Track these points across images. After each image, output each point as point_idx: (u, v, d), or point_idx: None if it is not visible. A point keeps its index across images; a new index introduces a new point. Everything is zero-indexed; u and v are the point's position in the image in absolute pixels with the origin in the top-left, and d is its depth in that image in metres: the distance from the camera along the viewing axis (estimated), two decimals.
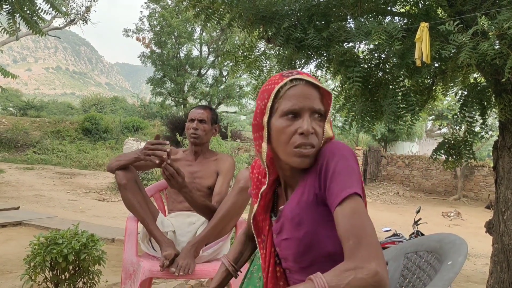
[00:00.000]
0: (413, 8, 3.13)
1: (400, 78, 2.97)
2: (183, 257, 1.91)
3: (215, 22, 3.13)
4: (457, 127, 3.14)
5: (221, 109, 21.81)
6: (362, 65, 2.90)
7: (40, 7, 3.58)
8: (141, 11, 29.45)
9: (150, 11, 19.30)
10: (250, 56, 3.33)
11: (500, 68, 2.30)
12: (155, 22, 18.75)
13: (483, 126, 2.97)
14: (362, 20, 2.77)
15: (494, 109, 2.94)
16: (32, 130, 18.84)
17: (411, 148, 19.57)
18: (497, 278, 2.82)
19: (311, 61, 3.16)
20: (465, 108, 2.88)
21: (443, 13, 2.89)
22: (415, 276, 1.15)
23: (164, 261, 1.87)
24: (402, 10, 3.26)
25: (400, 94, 2.88)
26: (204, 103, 18.97)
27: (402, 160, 16.50)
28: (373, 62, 3.09)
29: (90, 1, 16.69)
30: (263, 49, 3.51)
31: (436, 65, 2.96)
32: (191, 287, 2.97)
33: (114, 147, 18.81)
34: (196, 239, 1.99)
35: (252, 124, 1.07)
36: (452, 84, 3.30)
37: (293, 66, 3.14)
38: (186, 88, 19.46)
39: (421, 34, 2.32)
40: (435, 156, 3.17)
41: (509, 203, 2.74)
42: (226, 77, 19.83)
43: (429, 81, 3.18)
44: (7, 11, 3.40)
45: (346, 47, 2.76)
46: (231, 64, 3.45)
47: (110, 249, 3.58)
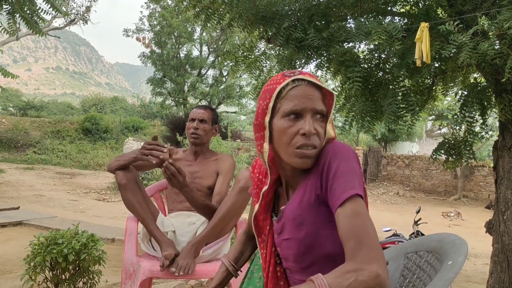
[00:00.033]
0: (413, 8, 3.13)
1: (400, 78, 2.97)
2: (183, 257, 1.91)
3: (215, 22, 3.13)
4: (457, 127, 3.14)
5: (221, 109, 21.82)
6: (362, 65, 2.90)
7: (40, 7, 3.58)
8: (141, 11, 29.48)
9: (150, 11, 19.32)
10: (250, 56, 3.32)
11: (500, 68, 2.30)
12: (155, 22, 18.75)
13: (483, 126, 2.97)
14: (362, 20, 2.77)
15: (494, 109, 2.94)
16: (32, 130, 18.84)
17: (411, 148, 19.56)
18: (497, 278, 2.82)
19: (311, 61, 3.16)
20: (465, 108, 2.88)
21: (443, 13, 2.89)
22: (415, 276, 1.15)
23: (164, 261, 1.87)
24: (402, 10, 3.26)
25: (400, 94, 2.88)
26: (204, 103, 18.96)
27: (402, 160, 16.50)
28: (373, 62, 3.09)
29: (90, 1, 16.71)
30: (263, 49, 3.51)
31: (436, 65, 2.96)
32: (191, 287, 2.97)
33: (114, 147, 18.81)
34: (196, 239, 1.99)
35: (254, 124, 1.07)
36: (452, 84, 3.30)
37: (293, 66, 3.14)
38: (186, 88, 19.46)
39: (421, 34, 2.32)
40: (435, 156, 3.18)
41: (509, 203, 2.74)
42: (226, 77, 19.84)
43: (429, 81, 3.18)
44: (7, 11, 3.40)
45: (346, 47, 2.76)
46: (231, 64, 3.45)
47: (110, 249, 3.58)
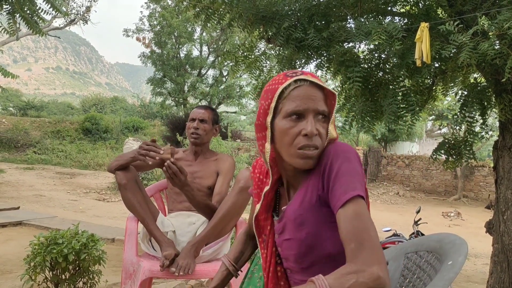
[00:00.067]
0: (413, 8, 3.13)
1: (400, 78, 2.97)
2: (183, 257, 1.91)
3: (215, 22, 3.13)
4: (457, 127, 3.14)
5: (221, 109, 21.81)
6: (362, 65, 2.90)
7: (40, 7, 3.58)
8: (141, 11, 29.53)
9: (150, 11, 19.33)
10: (250, 56, 3.33)
11: (500, 68, 2.30)
12: (155, 22, 18.76)
13: (483, 126, 2.97)
14: (362, 20, 2.77)
15: (494, 109, 2.94)
16: (32, 130, 18.84)
17: (411, 148, 19.56)
18: (497, 278, 2.82)
19: (311, 61, 3.16)
20: (465, 108, 2.88)
21: (443, 13, 2.89)
22: (415, 276, 1.15)
23: (164, 261, 1.87)
24: (402, 10, 3.26)
25: (400, 94, 2.88)
26: (204, 103, 18.97)
27: (402, 160, 16.50)
28: (373, 62, 3.09)
29: (90, 1, 16.70)
30: (263, 49, 3.51)
31: (436, 65, 2.96)
32: (191, 287, 2.97)
33: (114, 147, 18.81)
34: (196, 239, 1.99)
35: (255, 124, 1.06)
36: (452, 84, 3.30)
37: (293, 66, 3.14)
38: (186, 88, 19.46)
39: (421, 34, 2.32)
40: (435, 156, 3.18)
41: (509, 203, 2.74)
42: (226, 77, 19.84)
43: (429, 81, 3.18)
44: (7, 11, 3.40)
45: (346, 47, 2.76)
46: (231, 64, 3.45)
47: (110, 249, 3.58)
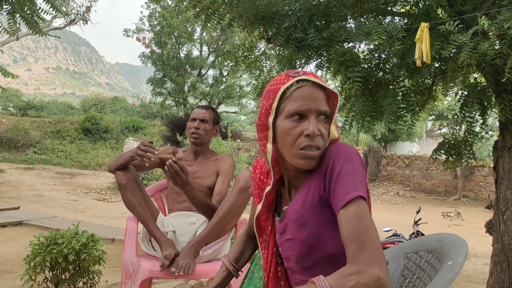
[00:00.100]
0: (413, 8, 3.13)
1: (400, 78, 2.97)
2: (183, 257, 1.91)
3: (215, 22, 3.13)
4: (457, 127, 3.14)
5: (221, 109, 21.81)
6: (362, 65, 2.90)
7: (40, 7, 3.58)
8: (141, 11, 29.54)
9: (150, 11, 19.32)
10: (250, 56, 3.33)
11: (500, 68, 2.30)
12: (155, 22, 18.75)
13: (483, 126, 2.97)
14: (362, 20, 2.77)
15: (494, 109, 2.94)
16: (32, 130, 18.84)
17: (411, 148, 19.56)
18: (497, 278, 2.82)
19: (311, 61, 3.16)
20: (465, 108, 2.88)
21: (443, 13, 2.89)
22: (416, 276, 1.15)
23: (164, 261, 1.87)
24: (402, 10, 3.26)
25: (400, 94, 2.88)
26: (204, 103, 18.97)
27: (402, 160, 16.49)
28: (373, 62, 3.09)
29: (90, 1, 16.71)
30: (263, 49, 3.51)
31: (436, 65, 2.96)
32: (191, 287, 2.97)
33: (114, 147, 18.81)
34: (196, 239, 1.99)
35: (257, 124, 1.06)
36: (452, 84, 3.30)
37: (293, 66, 3.14)
38: (186, 88, 19.45)
39: (421, 34, 2.32)
40: (435, 156, 3.18)
41: (509, 203, 2.74)
42: (226, 77, 19.83)
43: (429, 81, 3.18)
44: (7, 11, 3.40)
45: (346, 47, 2.76)
46: (231, 64, 3.45)
47: (110, 249, 3.58)
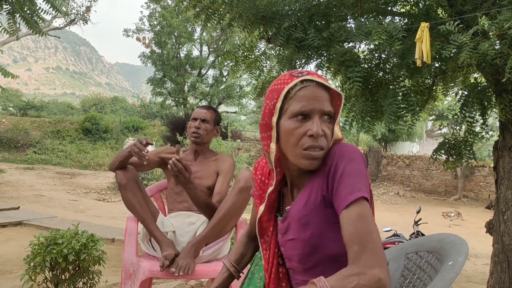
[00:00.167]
0: (414, 8, 3.13)
1: (401, 78, 2.97)
2: (183, 257, 1.91)
3: (215, 22, 3.13)
4: (458, 127, 3.14)
5: (222, 109, 21.80)
6: (363, 65, 2.89)
7: (40, 7, 3.58)
8: (141, 11, 29.50)
9: (150, 11, 19.30)
10: (250, 56, 3.32)
11: (501, 68, 2.30)
12: (155, 22, 18.73)
13: (484, 126, 2.97)
14: (363, 20, 2.77)
15: (495, 109, 2.94)
16: (32, 130, 18.84)
17: (412, 148, 19.56)
18: (498, 279, 2.81)
19: (311, 61, 3.16)
20: (466, 108, 2.88)
21: (444, 13, 2.89)
22: (416, 277, 1.15)
23: (164, 261, 1.87)
24: (403, 10, 3.26)
25: (401, 94, 2.88)
26: (205, 103, 18.96)
27: (403, 160, 16.49)
28: (374, 62, 3.09)
29: (90, 1, 16.70)
30: (263, 49, 3.51)
31: (437, 65, 2.96)
32: (191, 287, 2.97)
33: (114, 147, 18.82)
34: (196, 239, 1.99)
35: (260, 124, 1.06)
36: (453, 84, 3.30)
37: (293, 66, 3.13)
38: (186, 88, 19.44)
39: (422, 34, 2.32)
40: (436, 156, 3.18)
41: (510, 203, 2.74)
42: (226, 77, 19.83)
43: (430, 81, 3.18)
44: (7, 11, 3.40)
45: (347, 47, 2.76)
46: (231, 64, 3.45)
47: (110, 249, 3.58)
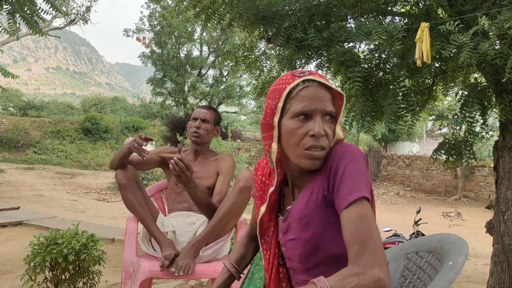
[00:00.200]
0: (414, 8, 3.13)
1: (401, 78, 2.97)
2: (183, 257, 1.91)
3: (216, 22, 3.13)
4: (458, 127, 3.14)
5: (222, 109, 21.80)
6: (363, 65, 2.89)
7: (40, 7, 3.58)
8: (141, 11, 29.55)
9: (150, 11, 19.31)
10: (251, 56, 3.32)
11: (501, 68, 2.30)
12: (155, 22, 18.74)
13: (484, 126, 2.97)
14: (363, 20, 2.77)
15: (495, 109, 2.94)
16: (32, 130, 18.84)
17: (412, 148, 19.56)
18: (498, 279, 2.81)
19: (312, 61, 3.16)
20: (466, 108, 2.88)
21: (444, 13, 2.89)
22: (416, 277, 1.15)
23: (164, 261, 1.87)
24: (403, 10, 3.26)
25: (401, 94, 2.88)
26: (205, 103, 18.97)
27: (403, 160, 16.49)
28: (374, 62, 3.09)
29: (90, 1, 16.71)
30: (264, 49, 3.51)
31: (437, 65, 2.96)
32: (191, 287, 2.97)
33: (114, 147, 18.81)
34: (196, 239, 1.99)
35: (262, 124, 1.06)
36: (453, 84, 3.30)
37: (293, 66, 3.13)
38: (187, 88, 19.45)
39: (422, 34, 2.32)
40: (436, 156, 3.18)
41: (510, 203, 2.74)
42: (227, 77, 19.83)
43: (430, 81, 3.18)
44: (7, 11, 3.40)
45: (347, 47, 2.76)
46: (232, 64, 3.45)
47: (110, 249, 3.58)
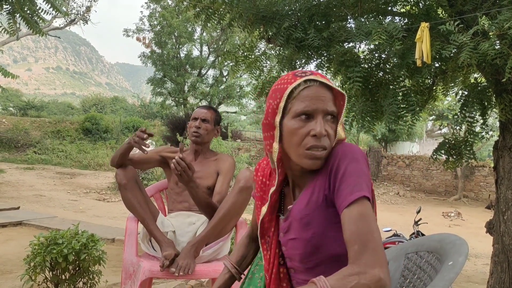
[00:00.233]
0: (414, 8, 3.13)
1: (401, 78, 2.97)
2: (183, 257, 1.91)
3: (216, 22, 3.13)
4: (458, 127, 3.14)
5: (222, 109, 21.80)
6: (363, 65, 2.89)
7: (40, 7, 3.58)
8: (141, 11, 29.54)
9: (151, 11, 19.32)
10: (251, 56, 3.33)
11: (501, 68, 2.30)
12: (156, 22, 18.74)
13: (484, 126, 2.97)
14: (363, 20, 2.77)
15: (495, 109, 2.94)
16: (33, 130, 18.84)
17: (412, 148, 19.57)
18: (498, 279, 2.81)
19: (312, 61, 3.16)
20: (466, 108, 2.88)
21: (444, 13, 2.89)
22: (416, 277, 1.15)
23: (164, 261, 1.87)
24: (403, 10, 3.26)
25: (401, 94, 2.88)
26: (205, 103, 18.97)
27: (403, 160, 16.49)
28: (374, 62, 3.09)
29: (90, 1, 16.70)
30: (264, 49, 3.51)
31: (437, 65, 2.96)
32: (191, 287, 2.97)
33: (114, 147, 18.81)
34: (196, 239, 1.99)
35: (263, 123, 1.06)
36: (453, 84, 3.30)
37: (294, 66, 3.14)
38: (187, 88, 19.45)
39: (422, 34, 2.32)
40: (436, 156, 3.18)
41: (510, 203, 2.74)
42: (227, 77, 19.84)
43: (430, 81, 3.18)
44: (7, 11, 3.40)
45: (347, 47, 2.76)
46: (232, 64, 3.45)
47: (110, 249, 3.58)
